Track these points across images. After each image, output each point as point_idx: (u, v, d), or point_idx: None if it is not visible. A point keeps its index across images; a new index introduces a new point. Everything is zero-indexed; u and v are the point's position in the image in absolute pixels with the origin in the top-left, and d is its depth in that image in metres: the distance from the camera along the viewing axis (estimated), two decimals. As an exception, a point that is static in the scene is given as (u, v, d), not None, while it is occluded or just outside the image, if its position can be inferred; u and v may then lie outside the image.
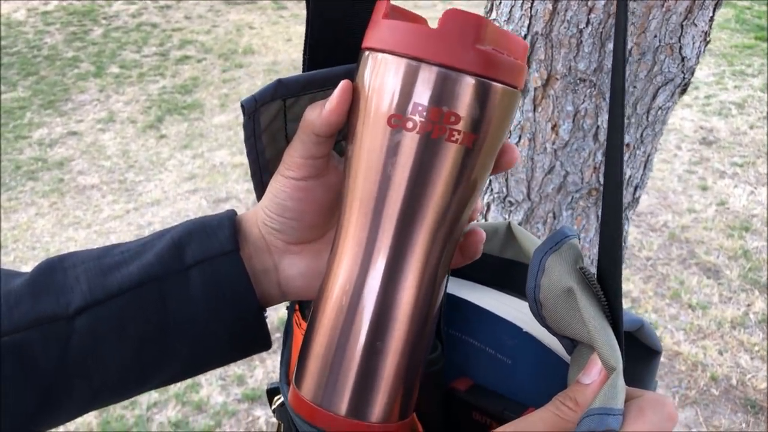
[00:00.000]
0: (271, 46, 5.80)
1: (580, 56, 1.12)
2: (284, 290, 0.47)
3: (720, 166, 3.75)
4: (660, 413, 0.33)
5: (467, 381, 0.50)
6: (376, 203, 0.39)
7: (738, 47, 5.20)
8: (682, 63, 1.13)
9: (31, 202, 3.81)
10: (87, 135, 4.55)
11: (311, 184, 0.44)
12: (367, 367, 0.39)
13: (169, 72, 5.42)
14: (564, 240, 0.37)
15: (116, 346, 0.42)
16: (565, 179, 1.24)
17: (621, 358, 0.34)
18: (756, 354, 2.50)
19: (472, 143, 0.37)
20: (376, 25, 0.39)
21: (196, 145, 4.35)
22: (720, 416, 2.27)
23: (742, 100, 4.45)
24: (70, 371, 0.42)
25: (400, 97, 0.37)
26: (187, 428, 2.26)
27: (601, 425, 0.31)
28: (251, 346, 0.47)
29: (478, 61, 0.36)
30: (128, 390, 0.45)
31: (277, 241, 0.46)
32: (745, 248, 3.07)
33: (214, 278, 0.43)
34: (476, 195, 0.40)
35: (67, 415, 0.44)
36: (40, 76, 5.42)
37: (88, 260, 0.44)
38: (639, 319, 0.42)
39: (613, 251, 0.36)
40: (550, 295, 0.36)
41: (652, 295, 2.81)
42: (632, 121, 1.19)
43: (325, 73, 0.44)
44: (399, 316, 0.39)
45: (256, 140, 0.45)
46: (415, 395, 0.43)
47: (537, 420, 0.35)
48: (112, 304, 0.42)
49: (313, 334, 0.41)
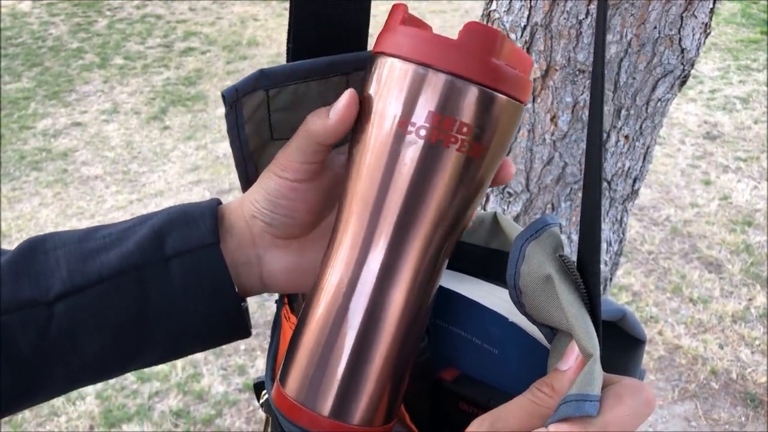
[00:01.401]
0: (275, 38, 5.80)
1: (579, 47, 1.12)
2: (266, 283, 0.47)
3: (723, 160, 3.74)
4: (638, 398, 0.33)
5: (454, 371, 0.50)
6: (375, 205, 0.39)
7: (743, 42, 5.18)
8: (681, 54, 1.13)
9: (35, 192, 3.82)
10: (91, 126, 4.55)
11: (305, 185, 0.44)
12: (353, 369, 0.39)
13: (173, 63, 5.42)
14: (545, 228, 0.37)
15: (95, 333, 0.42)
16: (564, 170, 1.24)
17: (598, 345, 0.34)
18: (756, 348, 2.50)
19: (475, 153, 0.38)
20: (393, 31, 0.39)
21: (200, 136, 4.36)
22: (719, 410, 2.27)
23: (747, 94, 4.43)
24: (48, 355, 0.42)
25: (410, 104, 0.38)
26: (188, 417, 2.27)
27: (578, 411, 0.31)
28: (231, 335, 0.47)
29: (491, 74, 0.37)
30: (106, 373, 0.45)
31: (264, 235, 0.46)
32: (748, 243, 3.06)
33: (193, 270, 0.43)
34: (475, 204, 0.41)
35: (44, 397, 0.44)
36: (45, 67, 5.42)
37: (70, 243, 0.44)
38: (621, 309, 0.42)
39: (592, 240, 0.36)
40: (529, 282, 0.36)
41: (654, 289, 2.81)
42: (631, 112, 1.19)
43: (309, 65, 0.44)
44: (390, 318, 0.40)
45: (239, 130, 0.45)
46: (400, 401, 0.43)
47: (514, 407, 0.35)
48: (91, 291, 0.42)
49: (302, 331, 0.41)
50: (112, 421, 2.24)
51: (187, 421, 2.26)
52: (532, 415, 0.34)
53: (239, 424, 2.24)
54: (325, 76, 0.45)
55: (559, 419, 0.32)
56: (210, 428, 2.24)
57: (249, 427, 2.24)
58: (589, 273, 0.36)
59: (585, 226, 0.37)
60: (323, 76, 0.45)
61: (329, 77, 0.45)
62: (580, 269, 0.37)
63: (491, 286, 0.49)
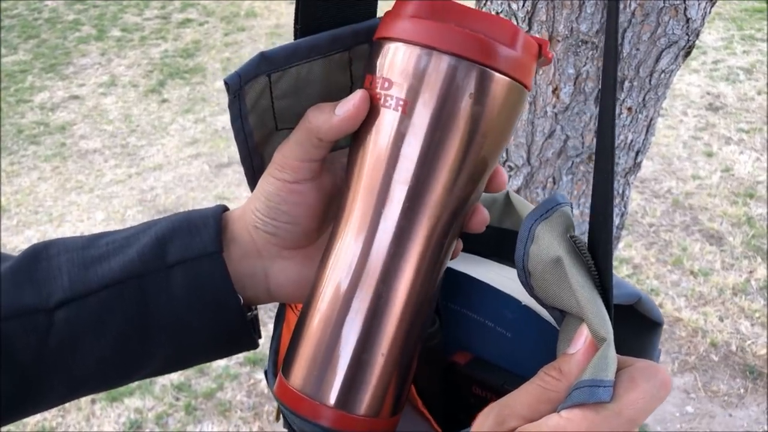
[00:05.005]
0: (273, 8, 5.73)
1: (582, 17, 1.10)
2: (273, 295, 0.46)
3: (726, 132, 3.71)
4: (653, 381, 0.32)
5: (467, 355, 0.49)
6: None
7: (748, 11, 5.11)
8: (687, 25, 1.11)
9: (34, 166, 3.81)
10: (89, 99, 4.52)
11: (306, 186, 0.42)
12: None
13: (171, 35, 5.36)
14: (556, 207, 0.36)
15: (96, 341, 0.42)
16: (566, 143, 1.22)
17: (611, 328, 0.33)
18: (756, 320, 2.50)
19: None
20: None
21: (198, 109, 4.33)
22: (719, 381, 2.28)
23: (751, 65, 4.39)
24: (48, 363, 0.41)
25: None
26: (189, 391, 2.28)
27: (592, 397, 0.31)
28: (235, 346, 0.46)
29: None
30: (109, 383, 0.45)
31: (270, 246, 0.44)
32: (749, 215, 3.05)
33: (195, 279, 0.42)
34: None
35: (46, 405, 0.44)
36: (41, 39, 5.37)
37: (73, 250, 0.43)
38: (636, 293, 0.41)
39: (605, 220, 0.35)
40: (538, 263, 0.35)
41: (654, 262, 2.80)
42: (635, 84, 1.17)
43: (310, 42, 0.42)
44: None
45: (243, 121, 0.42)
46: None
47: (521, 393, 0.34)
48: (92, 299, 0.41)
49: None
50: (114, 395, 2.25)
51: (188, 394, 2.27)
52: (539, 400, 0.33)
53: (240, 398, 2.26)
54: (328, 54, 0.42)
55: (572, 405, 0.31)
56: (211, 401, 2.25)
57: (250, 400, 2.25)
58: (601, 254, 0.35)
59: (597, 208, 0.35)
60: (325, 53, 0.42)
61: (331, 54, 0.43)
62: (591, 250, 0.35)
63: (504, 268, 0.48)
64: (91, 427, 2.17)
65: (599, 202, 0.35)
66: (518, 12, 1.15)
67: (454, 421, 0.49)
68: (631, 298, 0.41)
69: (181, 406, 2.23)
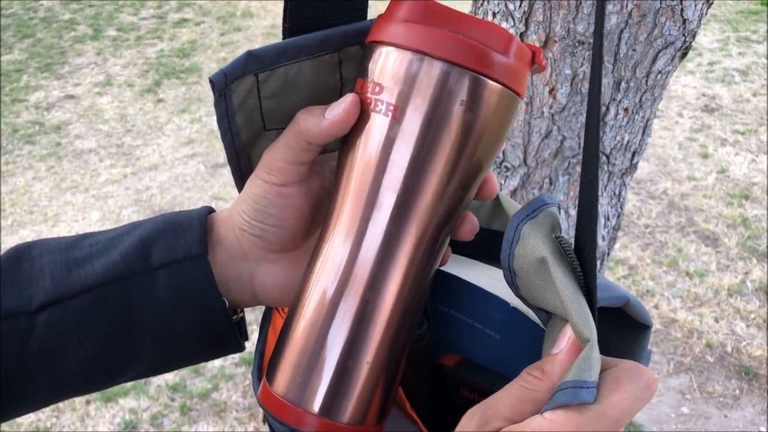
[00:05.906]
0: (270, 8, 5.72)
1: (579, 18, 1.10)
2: (259, 298, 0.45)
3: (721, 133, 3.72)
4: (637, 382, 0.31)
5: (455, 356, 0.49)
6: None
7: (744, 13, 5.12)
8: (683, 26, 1.11)
9: (29, 165, 3.79)
10: (84, 99, 4.51)
11: (294, 189, 0.42)
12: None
13: (167, 35, 5.35)
14: (542, 207, 0.36)
15: (78, 344, 0.41)
16: (562, 144, 1.22)
17: (595, 329, 0.32)
18: (752, 321, 2.51)
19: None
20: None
21: (194, 109, 4.32)
22: (714, 383, 2.29)
23: (746, 67, 4.39)
24: (31, 366, 0.41)
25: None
26: (184, 391, 2.28)
27: (575, 398, 0.30)
28: (221, 349, 0.45)
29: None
30: (93, 385, 0.44)
31: (256, 249, 0.44)
32: (745, 216, 3.06)
33: (180, 282, 0.42)
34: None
35: (28, 408, 0.43)
36: (37, 38, 5.35)
37: (56, 251, 0.42)
38: (624, 295, 0.41)
39: (589, 222, 0.35)
40: (524, 263, 0.35)
41: (650, 263, 2.81)
42: (631, 85, 1.17)
43: (301, 41, 0.41)
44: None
45: (229, 121, 0.42)
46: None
47: (504, 394, 0.34)
48: (74, 301, 0.41)
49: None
50: (109, 395, 2.24)
51: (183, 395, 2.26)
52: (522, 401, 0.33)
53: (236, 398, 2.25)
54: (317, 54, 0.42)
55: (556, 406, 0.31)
56: (206, 402, 2.24)
57: (245, 401, 2.24)
58: (586, 255, 0.35)
59: (582, 210, 0.35)
60: (315, 54, 0.42)
61: (321, 55, 0.42)
62: (577, 251, 0.35)
63: (492, 269, 0.48)
64: (85, 427, 2.16)
65: (584, 204, 0.35)
66: (515, 12, 1.14)
67: (442, 423, 0.48)
68: (620, 301, 0.41)
69: (176, 407, 2.22)
